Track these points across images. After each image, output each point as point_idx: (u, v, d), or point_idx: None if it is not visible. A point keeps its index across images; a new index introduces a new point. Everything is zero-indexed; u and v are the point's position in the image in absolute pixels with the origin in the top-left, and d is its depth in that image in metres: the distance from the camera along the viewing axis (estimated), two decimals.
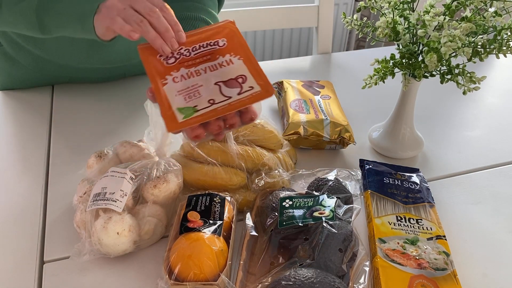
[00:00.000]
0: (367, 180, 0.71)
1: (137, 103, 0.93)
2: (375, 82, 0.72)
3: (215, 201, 0.62)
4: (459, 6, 0.65)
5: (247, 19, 1.20)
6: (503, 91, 1.05)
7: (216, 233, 0.57)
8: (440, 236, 0.61)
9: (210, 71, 0.57)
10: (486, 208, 0.71)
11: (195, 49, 0.59)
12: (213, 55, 0.59)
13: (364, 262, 0.57)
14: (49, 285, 0.58)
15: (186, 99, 0.54)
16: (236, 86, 0.55)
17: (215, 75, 0.56)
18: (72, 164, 0.77)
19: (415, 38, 0.70)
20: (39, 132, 0.85)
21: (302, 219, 0.59)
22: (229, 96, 0.54)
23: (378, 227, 0.63)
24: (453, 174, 0.79)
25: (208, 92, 0.55)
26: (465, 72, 0.66)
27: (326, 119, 0.80)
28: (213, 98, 0.54)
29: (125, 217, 0.58)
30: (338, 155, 0.82)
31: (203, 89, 0.55)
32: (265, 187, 0.68)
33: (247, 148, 0.69)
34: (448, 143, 0.86)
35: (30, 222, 0.66)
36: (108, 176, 0.61)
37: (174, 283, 0.53)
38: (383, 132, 0.82)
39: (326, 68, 1.14)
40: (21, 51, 0.90)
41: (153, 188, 0.62)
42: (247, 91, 0.54)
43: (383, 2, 0.71)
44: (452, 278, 0.55)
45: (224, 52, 0.59)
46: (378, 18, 0.70)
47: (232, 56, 0.58)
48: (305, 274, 0.51)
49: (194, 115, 0.53)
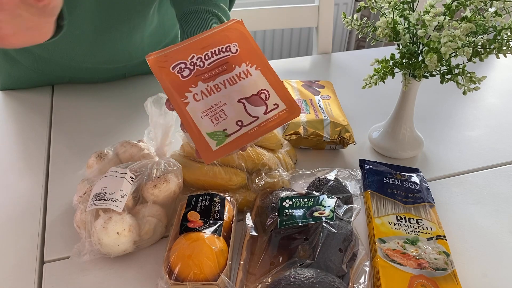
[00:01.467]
0: (367, 180, 0.71)
1: (137, 103, 0.93)
2: (375, 82, 0.72)
3: (215, 201, 0.62)
4: (459, 6, 0.65)
5: (247, 19, 1.19)
6: (503, 91, 1.05)
7: (216, 233, 0.57)
8: (440, 236, 0.61)
9: (230, 85, 0.55)
10: (486, 208, 0.71)
11: (207, 58, 0.57)
12: (228, 64, 0.57)
13: (364, 262, 0.57)
14: (49, 285, 0.58)
15: (213, 122, 0.53)
16: (260, 104, 0.54)
17: (236, 91, 0.55)
18: (72, 164, 0.77)
19: (415, 38, 0.70)
20: (39, 132, 0.85)
21: (302, 219, 0.59)
22: (257, 117, 0.53)
23: (378, 227, 0.63)
24: (453, 174, 0.79)
25: (234, 112, 0.54)
26: (465, 72, 0.66)
27: (326, 119, 0.80)
28: (240, 119, 0.53)
29: (125, 217, 0.58)
30: (338, 155, 0.82)
31: (228, 109, 0.54)
32: (265, 187, 0.68)
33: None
34: (448, 143, 0.86)
35: (30, 222, 0.66)
36: (108, 176, 0.61)
37: (174, 283, 0.53)
38: (383, 132, 0.82)
39: (326, 68, 1.14)
40: (21, 51, 0.90)
41: (153, 188, 0.62)
42: (273, 109, 0.54)
43: (383, 2, 0.71)
44: (452, 278, 0.55)
45: (239, 61, 0.57)
46: (378, 18, 0.70)
47: (249, 67, 0.57)
48: (305, 274, 0.51)
49: (227, 142, 0.52)
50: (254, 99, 0.54)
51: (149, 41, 0.94)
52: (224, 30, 0.59)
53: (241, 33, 0.59)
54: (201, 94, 0.55)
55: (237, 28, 0.59)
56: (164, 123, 0.65)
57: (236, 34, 0.59)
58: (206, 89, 0.55)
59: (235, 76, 0.56)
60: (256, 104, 0.54)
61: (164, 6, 0.92)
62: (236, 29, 0.59)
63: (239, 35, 0.59)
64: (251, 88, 0.55)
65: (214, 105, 0.54)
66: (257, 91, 0.55)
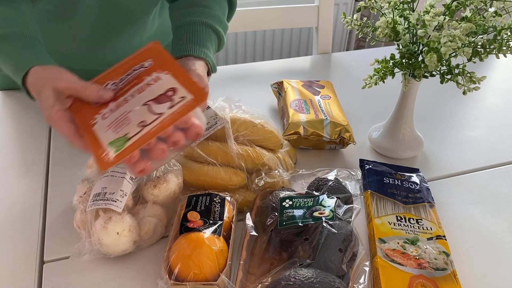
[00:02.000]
0: (367, 180, 0.71)
1: None
2: (375, 82, 0.72)
3: (215, 201, 0.62)
4: (459, 6, 0.65)
5: (247, 19, 1.19)
6: (503, 91, 1.05)
7: (216, 233, 0.57)
8: (440, 236, 0.61)
9: (138, 94, 0.53)
10: (486, 208, 0.71)
11: (121, 80, 0.56)
12: (140, 78, 0.55)
13: (364, 262, 0.57)
14: (49, 285, 0.58)
15: (116, 130, 0.50)
16: (166, 101, 0.51)
17: (143, 97, 0.53)
18: (72, 164, 0.77)
19: (415, 38, 0.70)
20: (39, 132, 0.85)
21: (302, 219, 0.59)
22: (161, 113, 0.50)
23: (378, 227, 0.63)
24: (453, 174, 0.79)
25: (138, 115, 0.50)
26: (465, 72, 0.66)
27: (326, 119, 0.80)
28: (143, 120, 0.50)
29: (125, 217, 0.58)
30: (338, 155, 0.82)
31: (133, 114, 0.51)
32: (265, 187, 0.68)
33: (247, 148, 0.68)
34: (448, 143, 0.86)
35: (30, 222, 0.66)
36: (108, 175, 0.61)
37: (174, 283, 0.53)
38: (383, 132, 0.82)
39: (326, 68, 1.14)
40: None
41: (153, 188, 0.62)
42: (179, 102, 0.50)
43: (383, 2, 0.71)
44: (452, 278, 0.55)
45: (151, 71, 0.55)
46: (378, 18, 0.70)
47: (159, 73, 0.54)
48: (305, 274, 0.51)
49: (127, 145, 0.48)
50: (160, 98, 0.52)
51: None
52: (140, 53, 0.58)
53: (157, 51, 0.57)
54: (109, 112, 0.53)
55: (153, 48, 0.58)
56: None
57: (152, 53, 0.58)
58: (116, 105, 0.54)
59: (144, 85, 0.54)
60: (162, 102, 0.51)
61: (166, 11, 0.92)
62: (152, 48, 0.58)
63: (154, 53, 0.57)
64: (158, 90, 0.53)
65: (120, 116, 0.52)
66: (165, 91, 0.52)
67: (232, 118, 0.69)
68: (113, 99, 0.54)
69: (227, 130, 0.68)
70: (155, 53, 0.57)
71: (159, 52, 0.57)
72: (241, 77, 1.08)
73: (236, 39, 1.97)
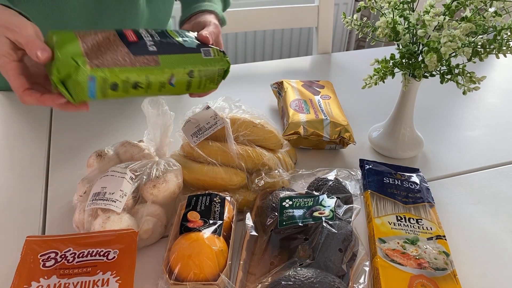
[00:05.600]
0: (367, 180, 0.71)
1: (137, 103, 0.93)
2: (375, 82, 0.72)
3: (215, 201, 0.62)
4: (459, 6, 0.65)
5: (247, 19, 1.20)
6: (503, 91, 1.05)
7: (216, 233, 0.57)
8: (440, 236, 0.61)
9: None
10: (486, 208, 0.71)
11: (81, 255, 0.55)
12: (95, 269, 0.54)
13: (364, 262, 0.57)
14: None
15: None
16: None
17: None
18: (72, 163, 0.77)
19: (415, 38, 0.70)
20: (39, 132, 0.85)
21: (302, 219, 0.59)
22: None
23: (378, 227, 0.63)
24: (453, 174, 0.79)
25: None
26: (465, 72, 0.66)
27: (326, 119, 0.80)
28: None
29: (123, 217, 0.58)
30: (338, 155, 0.82)
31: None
32: (265, 187, 0.68)
33: (247, 148, 0.68)
34: (448, 143, 0.86)
35: (30, 222, 0.66)
36: (108, 175, 0.61)
37: (174, 283, 0.53)
38: (383, 132, 0.82)
39: (326, 68, 1.14)
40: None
41: (153, 187, 0.62)
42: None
43: (383, 2, 0.71)
44: (452, 278, 0.55)
45: (107, 268, 0.54)
46: (378, 18, 0.70)
47: (112, 277, 0.53)
48: (305, 274, 0.51)
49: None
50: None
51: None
52: (117, 235, 0.57)
53: (130, 242, 0.57)
54: (46, 287, 0.52)
55: (129, 237, 0.57)
56: (162, 123, 0.66)
57: (124, 243, 0.57)
58: (55, 284, 0.52)
59: (92, 281, 0.53)
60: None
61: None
62: (129, 237, 0.57)
63: (126, 245, 0.56)
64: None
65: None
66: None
67: (232, 118, 0.69)
68: (58, 275, 0.53)
69: (227, 130, 0.68)
70: (127, 246, 0.56)
71: (130, 248, 0.56)
72: (241, 77, 1.08)
73: (236, 39, 1.97)
